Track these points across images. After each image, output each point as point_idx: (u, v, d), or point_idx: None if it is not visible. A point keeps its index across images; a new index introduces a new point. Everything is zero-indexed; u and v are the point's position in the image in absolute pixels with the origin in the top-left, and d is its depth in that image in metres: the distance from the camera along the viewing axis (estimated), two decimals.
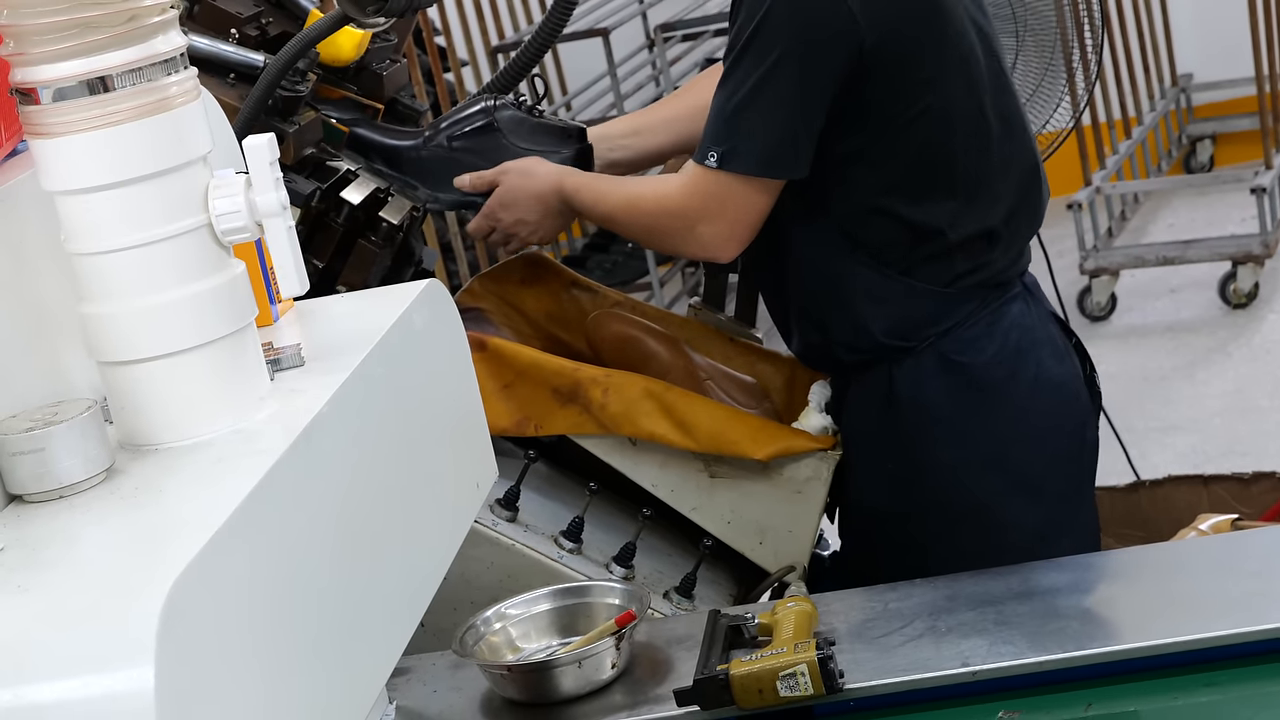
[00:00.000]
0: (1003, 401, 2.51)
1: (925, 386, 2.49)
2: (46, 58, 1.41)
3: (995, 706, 2.01)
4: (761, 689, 2.02)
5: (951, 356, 2.49)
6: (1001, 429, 2.51)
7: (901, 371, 2.49)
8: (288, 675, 1.37)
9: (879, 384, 2.51)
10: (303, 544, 1.43)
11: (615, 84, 6.27)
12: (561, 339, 2.73)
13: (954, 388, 2.49)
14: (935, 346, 2.49)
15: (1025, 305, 2.55)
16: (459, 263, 5.87)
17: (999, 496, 2.51)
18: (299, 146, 2.51)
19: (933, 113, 2.43)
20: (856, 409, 2.54)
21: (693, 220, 2.46)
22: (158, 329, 1.47)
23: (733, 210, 2.44)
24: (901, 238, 2.46)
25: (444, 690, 2.23)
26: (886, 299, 2.48)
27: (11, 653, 1.20)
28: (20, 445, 1.40)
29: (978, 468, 2.50)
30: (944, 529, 2.51)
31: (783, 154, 2.41)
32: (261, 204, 1.49)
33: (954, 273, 2.48)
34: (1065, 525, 2.56)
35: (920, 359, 2.49)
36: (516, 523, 2.48)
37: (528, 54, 2.73)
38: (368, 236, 2.63)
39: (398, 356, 1.69)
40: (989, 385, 2.50)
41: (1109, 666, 2.02)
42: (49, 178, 1.45)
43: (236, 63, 2.51)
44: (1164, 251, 6.06)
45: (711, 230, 2.45)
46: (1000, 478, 2.51)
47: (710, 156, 2.41)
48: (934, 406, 2.49)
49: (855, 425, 2.55)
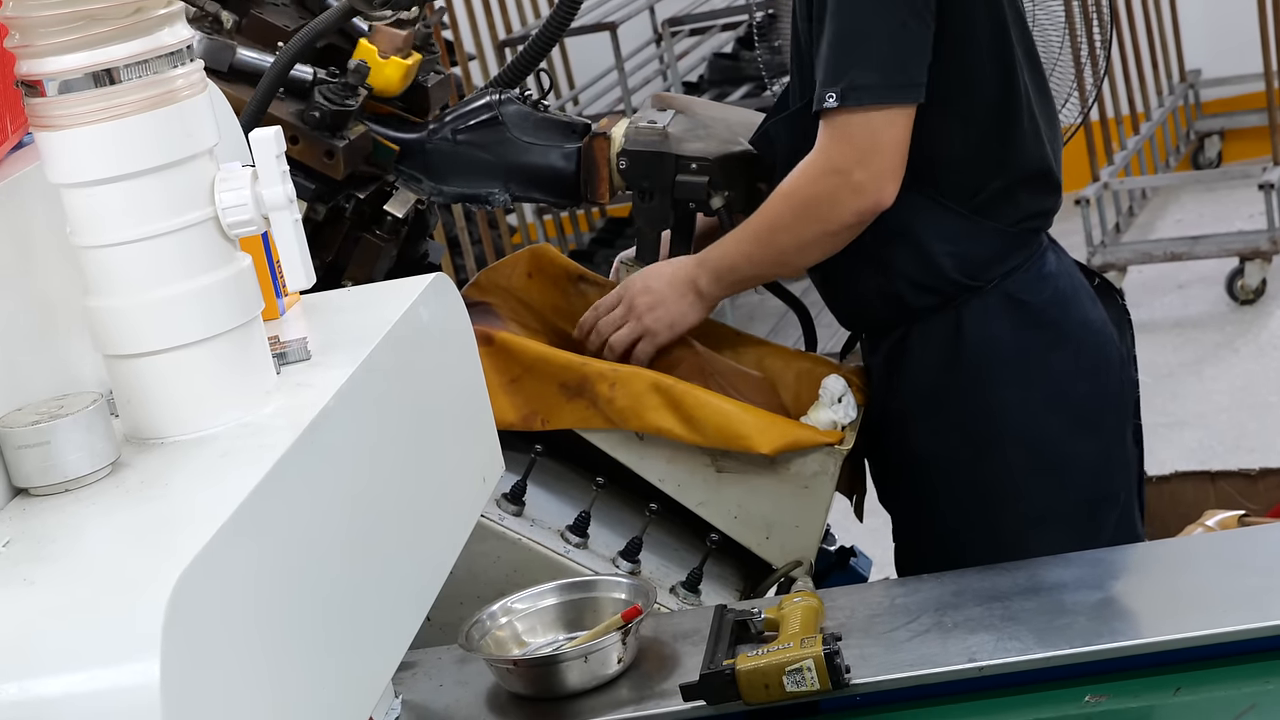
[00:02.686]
0: (1062, 340, 2.57)
1: (992, 326, 2.54)
2: (52, 50, 1.41)
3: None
4: (768, 684, 2.02)
5: (1016, 295, 2.55)
6: (1061, 366, 2.57)
7: (969, 311, 2.54)
8: (294, 669, 1.36)
9: (945, 327, 2.55)
10: (309, 538, 1.42)
11: (622, 78, 6.27)
12: (568, 333, 2.72)
13: (1018, 326, 2.55)
14: (1000, 286, 2.55)
15: (1056, 254, 2.64)
16: (465, 257, 5.87)
17: (1061, 432, 2.57)
18: (349, 161, 2.51)
19: (1005, 45, 2.48)
20: (920, 360, 2.57)
21: (847, 169, 2.42)
22: (164, 322, 1.46)
23: (882, 143, 2.41)
24: (973, 174, 2.51)
25: (450, 684, 2.23)
26: (957, 237, 2.52)
27: (17, 646, 1.20)
28: (26, 439, 1.40)
29: (1041, 405, 2.55)
30: (1010, 469, 2.56)
31: (903, 78, 2.40)
32: (268, 197, 1.49)
33: (1019, 213, 2.54)
34: (1118, 460, 2.64)
35: (986, 299, 2.54)
36: (523, 517, 2.48)
37: (535, 48, 2.73)
38: (373, 230, 2.63)
39: (404, 350, 1.69)
40: (1049, 324, 2.57)
41: (1115, 663, 2.02)
42: (54, 170, 1.45)
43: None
44: (1171, 247, 6.05)
45: (869, 172, 2.41)
46: (1062, 414, 2.57)
47: (829, 98, 2.39)
48: (1002, 346, 2.54)
49: (919, 378, 2.58)
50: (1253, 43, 6.38)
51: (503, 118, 2.65)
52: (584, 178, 2.65)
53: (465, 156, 2.64)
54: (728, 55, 6.68)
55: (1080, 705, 1.99)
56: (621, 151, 2.62)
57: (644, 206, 2.65)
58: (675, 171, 2.63)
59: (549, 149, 2.65)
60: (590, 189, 2.66)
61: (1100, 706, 1.98)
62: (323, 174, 2.50)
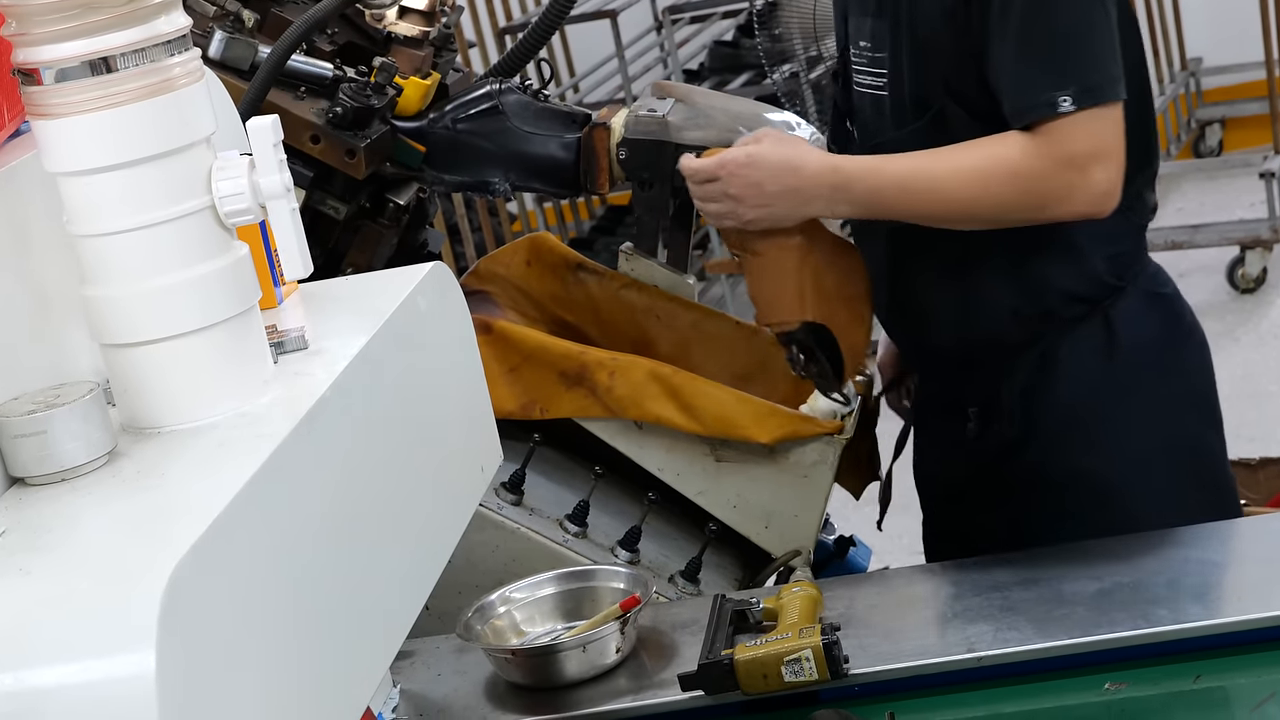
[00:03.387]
0: (1191, 330, 2.52)
1: (1142, 323, 2.46)
2: (49, 38, 1.40)
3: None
4: (766, 674, 2.02)
5: (1155, 290, 2.48)
6: (1194, 359, 2.52)
7: (1118, 312, 2.44)
8: (291, 659, 1.36)
9: (1095, 332, 2.44)
10: (306, 528, 1.42)
11: (623, 66, 6.27)
12: (568, 321, 2.72)
13: (1162, 322, 2.48)
14: (1139, 283, 2.47)
15: None
16: (465, 245, 5.87)
17: (1199, 427, 2.51)
18: (370, 160, 2.50)
19: (1134, 35, 2.40)
20: (1073, 373, 2.44)
21: (1085, 166, 2.25)
22: (161, 311, 1.46)
23: (1115, 143, 2.27)
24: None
25: (448, 674, 2.23)
26: (1108, 236, 2.39)
27: (13, 636, 1.20)
28: (22, 428, 1.40)
29: (1186, 401, 2.49)
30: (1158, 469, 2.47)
31: (1118, 71, 2.27)
32: (265, 186, 1.48)
33: (1147, 208, 2.47)
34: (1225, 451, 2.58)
35: (1131, 299, 2.45)
36: (522, 506, 2.48)
37: (535, 36, 2.72)
38: (374, 218, 2.63)
39: (402, 340, 1.69)
40: (1182, 316, 2.51)
41: (1134, 650, 2.02)
42: (51, 159, 1.45)
43: (306, 74, 2.51)
44: (1172, 236, 6.05)
45: (1107, 173, 2.26)
46: (1199, 409, 2.51)
47: (1063, 101, 2.22)
48: (1152, 342, 2.46)
49: (1074, 391, 2.45)
50: (1254, 31, 6.38)
51: (503, 107, 2.65)
52: (584, 168, 2.65)
53: (465, 145, 2.64)
54: (728, 43, 6.68)
55: (1100, 693, 1.99)
56: (621, 141, 2.62)
57: (644, 195, 2.65)
58: (675, 159, 2.63)
59: (549, 139, 2.64)
60: (590, 179, 2.66)
61: (1120, 694, 1.99)
62: (345, 173, 2.50)
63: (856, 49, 2.48)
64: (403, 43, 2.58)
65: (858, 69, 2.48)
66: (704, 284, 6.33)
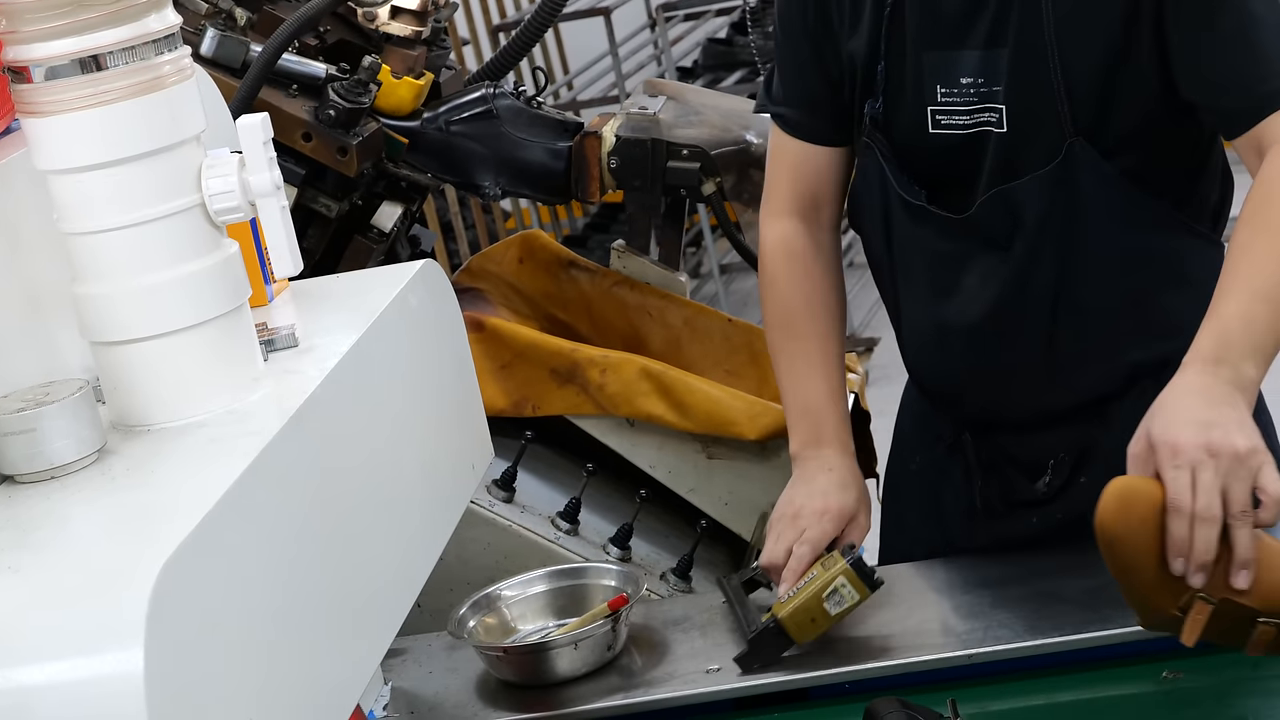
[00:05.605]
0: None
1: None
2: (39, 36, 1.40)
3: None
4: (814, 617, 2.03)
5: None
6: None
7: None
8: (281, 657, 1.36)
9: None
10: (296, 525, 1.42)
11: (617, 63, 6.27)
12: (560, 319, 2.72)
13: None
14: None
15: None
16: (459, 242, 5.87)
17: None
18: (362, 158, 2.51)
19: None
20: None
21: None
22: (150, 309, 1.46)
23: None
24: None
25: (440, 671, 2.23)
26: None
27: (1, 634, 1.20)
28: (11, 425, 1.40)
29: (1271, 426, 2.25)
30: None
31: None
32: (255, 184, 1.48)
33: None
34: None
35: None
36: (513, 504, 2.48)
37: (527, 33, 2.73)
38: (364, 232, 2.64)
39: (393, 337, 1.69)
40: None
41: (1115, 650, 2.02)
42: (41, 156, 1.45)
43: (298, 74, 2.52)
44: None
45: None
46: (1270, 429, 2.26)
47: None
48: None
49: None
50: None
51: (497, 111, 2.66)
52: (575, 176, 2.67)
53: (457, 147, 2.65)
54: (722, 40, 6.68)
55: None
56: (612, 151, 2.64)
57: (636, 193, 2.66)
58: (667, 158, 2.64)
59: (540, 145, 2.66)
60: (581, 187, 2.68)
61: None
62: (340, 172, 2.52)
63: (948, 88, 2.16)
64: (395, 42, 2.59)
65: (949, 108, 2.15)
66: (696, 281, 6.33)
